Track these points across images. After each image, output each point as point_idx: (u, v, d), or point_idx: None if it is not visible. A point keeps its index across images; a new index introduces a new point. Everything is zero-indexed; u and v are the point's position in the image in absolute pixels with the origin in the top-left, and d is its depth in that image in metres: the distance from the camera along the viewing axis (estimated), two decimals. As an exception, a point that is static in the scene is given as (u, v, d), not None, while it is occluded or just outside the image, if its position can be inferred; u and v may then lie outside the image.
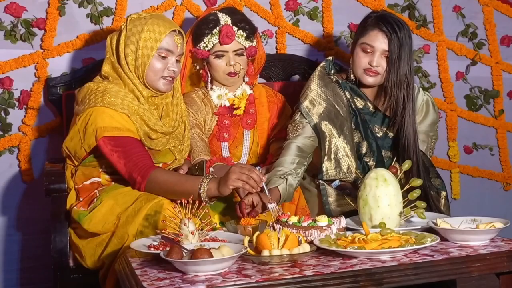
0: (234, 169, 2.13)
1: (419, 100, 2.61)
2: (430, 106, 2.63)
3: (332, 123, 2.51)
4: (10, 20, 2.86)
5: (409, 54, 2.47)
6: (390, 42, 2.44)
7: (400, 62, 2.44)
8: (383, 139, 2.59)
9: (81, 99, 2.34)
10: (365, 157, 2.55)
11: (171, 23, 2.40)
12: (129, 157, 2.23)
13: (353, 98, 2.58)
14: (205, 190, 2.14)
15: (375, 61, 2.46)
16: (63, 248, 2.30)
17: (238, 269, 1.76)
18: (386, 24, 2.46)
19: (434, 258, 1.79)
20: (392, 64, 2.45)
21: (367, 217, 2.08)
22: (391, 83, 2.47)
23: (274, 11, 3.17)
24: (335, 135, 2.51)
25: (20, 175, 2.93)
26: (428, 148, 2.62)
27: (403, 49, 2.44)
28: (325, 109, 2.53)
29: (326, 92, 2.55)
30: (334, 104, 2.54)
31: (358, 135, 2.57)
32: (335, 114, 2.52)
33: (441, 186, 2.54)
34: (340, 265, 1.76)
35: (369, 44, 2.47)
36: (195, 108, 2.66)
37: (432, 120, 2.63)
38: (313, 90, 2.56)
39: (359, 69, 2.51)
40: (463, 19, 3.45)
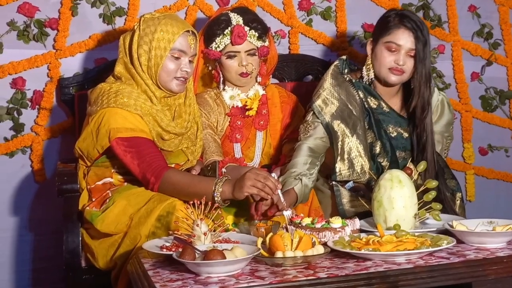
0: (250, 176, 2.12)
1: (434, 100, 2.59)
2: (446, 106, 2.62)
3: (345, 123, 2.50)
4: (23, 20, 2.87)
5: (429, 52, 2.48)
6: (417, 40, 2.43)
7: (425, 60, 2.45)
8: (397, 139, 2.57)
9: (93, 99, 2.34)
10: (378, 157, 2.53)
11: (184, 23, 2.40)
12: (143, 158, 2.22)
13: (366, 98, 2.56)
14: (219, 193, 2.14)
15: (401, 59, 2.45)
16: (75, 249, 2.30)
17: (251, 270, 1.74)
18: (411, 21, 2.45)
19: (450, 260, 1.77)
20: (420, 62, 2.44)
21: (382, 219, 2.06)
22: (418, 82, 2.47)
23: (287, 11, 3.16)
24: (348, 135, 2.50)
25: (33, 176, 2.94)
26: (443, 148, 2.60)
27: (427, 47, 2.45)
28: (338, 108, 2.51)
29: (339, 91, 2.53)
30: (347, 103, 2.52)
31: (371, 135, 2.54)
32: (348, 113, 2.51)
33: (456, 188, 2.52)
34: (354, 267, 1.74)
35: (395, 43, 2.45)
36: (208, 109, 2.65)
37: (447, 121, 2.61)
38: (326, 89, 2.54)
39: (384, 68, 2.49)
40: (478, 19, 3.42)
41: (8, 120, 2.89)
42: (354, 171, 2.49)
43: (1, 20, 2.84)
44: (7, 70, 2.86)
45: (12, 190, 2.92)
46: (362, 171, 2.49)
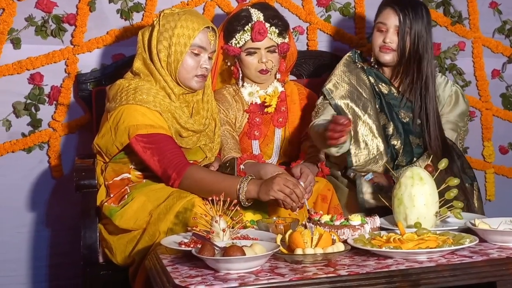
0: (279, 181, 2.13)
1: (447, 90, 2.65)
2: (460, 96, 2.67)
3: (355, 103, 2.57)
4: (41, 15, 2.89)
5: (425, 31, 2.52)
6: (400, 18, 2.51)
7: (411, 36, 2.50)
8: (409, 125, 2.60)
9: (112, 96, 2.35)
10: (392, 139, 2.56)
11: (204, 19, 2.40)
12: (163, 154, 2.23)
13: (377, 84, 2.62)
14: (244, 191, 2.14)
15: (388, 37, 2.54)
16: (93, 244, 2.31)
17: (270, 267, 1.74)
18: (398, 1, 2.54)
19: (473, 259, 1.76)
20: (402, 38, 2.51)
21: (402, 216, 2.05)
22: (402, 58, 2.53)
23: (305, 7, 3.15)
24: (360, 116, 2.55)
25: (50, 171, 2.95)
26: (458, 139, 2.63)
27: (416, 24, 2.50)
28: (348, 91, 2.59)
29: (349, 76, 2.63)
30: (356, 86, 2.60)
31: (383, 116, 2.60)
32: (357, 95, 2.58)
33: (474, 177, 2.56)
34: (375, 265, 1.73)
35: (382, 23, 2.57)
36: (226, 105, 2.65)
37: (461, 110, 2.66)
38: (337, 75, 2.64)
39: (376, 48, 2.58)
40: (499, 15, 3.39)
41: (25, 116, 2.91)
42: (370, 152, 2.52)
43: (19, 16, 2.85)
44: (25, 65, 2.87)
45: (29, 186, 2.94)
46: (378, 152, 2.52)
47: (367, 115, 2.56)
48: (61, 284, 2.95)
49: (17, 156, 2.91)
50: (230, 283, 1.61)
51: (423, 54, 2.53)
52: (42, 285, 2.97)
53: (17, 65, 2.87)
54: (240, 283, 1.61)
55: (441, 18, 3.30)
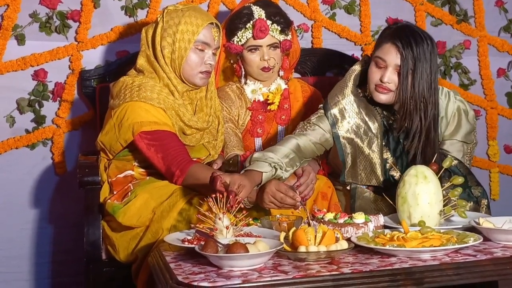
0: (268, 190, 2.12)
1: (450, 108, 2.44)
2: (463, 115, 2.45)
3: (360, 139, 2.40)
4: (45, 12, 2.89)
5: (430, 71, 2.28)
6: (403, 56, 2.26)
7: (416, 79, 2.26)
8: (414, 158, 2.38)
9: (116, 93, 2.35)
10: (391, 171, 2.44)
11: (208, 15, 2.40)
12: (167, 151, 2.23)
13: (388, 120, 2.43)
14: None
15: (386, 76, 2.29)
16: (96, 241, 2.31)
17: (274, 265, 1.74)
18: (401, 37, 2.28)
19: (477, 258, 1.76)
20: (405, 80, 2.26)
21: (406, 215, 2.05)
22: (404, 103, 2.29)
23: (310, 4, 3.15)
24: (363, 151, 2.41)
25: (53, 168, 2.96)
26: (465, 156, 2.46)
27: (421, 64, 2.26)
28: (355, 124, 2.41)
29: (359, 104, 2.42)
30: (366, 119, 2.41)
31: (387, 152, 2.43)
32: (364, 130, 2.40)
33: (481, 194, 2.37)
34: (379, 263, 1.73)
35: (381, 58, 2.31)
36: (229, 103, 2.65)
37: (466, 130, 2.45)
38: (346, 97, 2.43)
39: (371, 85, 2.35)
40: (505, 14, 3.38)
41: (29, 112, 2.91)
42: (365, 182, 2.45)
43: (24, 12, 2.86)
44: (29, 62, 2.88)
45: (32, 182, 2.95)
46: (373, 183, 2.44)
47: (370, 151, 2.40)
48: (64, 281, 2.96)
49: (20, 152, 2.92)
50: (233, 280, 1.61)
51: (427, 97, 2.29)
52: (45, 281, 2.97)
53: (21, 61, 2.87)
54: (243, 280, 1.61)
55: (446, 17, 3.30)
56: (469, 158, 2.49)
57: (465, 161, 2.46)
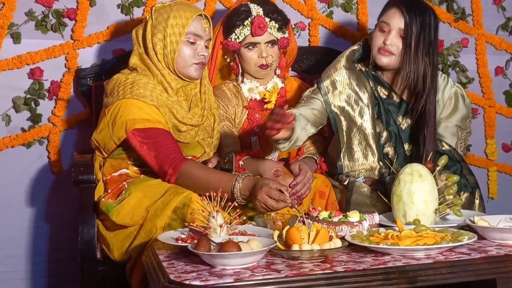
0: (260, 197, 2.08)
1: (447, 92, 2.53)
2: (460, 99, 2.55)
3: (351, 108, 2.48)
4: (41, 10, 2.88)
5: (431, 40, 2.38)
6: (407, 21, 2.36)
7: (419, 45, 2.36)
8: (406, 132, 2.51)
9: (110, 91, 2.35)
10: (385, 147, 2.49)
11: (196, 8, 2.41)
12: (160, 149, 2.22)
13: (376, 87, 2.51)
14: (239, 190, 2.14)
15: (389, 39, 2.40)
16: (90, 240, 2.31)
17: (267, 263, 1.74)
18: (406, 3, 2.39)
19: (471, 256, 1.75)
20: (408, 45, 2.37)
21: (401, 213, 2.04)
22: (407, 67, 2.39)
23: (307, 2, 3.14)
24: (356, 122, 2.48)
25: (49, 166, 2.95)
26: (459, 142, 2.52)
27: (423, 31, 2.36)
28: (346, 94, 2.50)
29: (350, 76, 2.51)
30: (356, 89, 2.50)
31: (379, 124, 2.50)
32: (355, 100, 2.49)
33: (476, 184, 2.44)
34: (372, 262, 1.73)
35: (385, 22, 2.42)
36: (226, 101, 2.64)
37: (462, 115, 2.54)
38: (338, 70, 2.53)
39: (375, 48, 2.45)
40: (503, 12, 3.37)
41: (25, 111, 2.90)
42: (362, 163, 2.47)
43: (20, 10, 2.85)
44: (24, 60, 2.87)
45: (28, 181, 2.94)
46: (370, 161, 2.47)
47: (363, 121, 2.47)
48: (60, 280, 2.95)
49: (16, 151, 2.91)
50: (225, 279, 1.60)
51: (430, 62, 2.39)
52: (42, 280, 2.97)
53: (17, 59, 2.86)
54: (235, 279, 1.60)
55: (444, 15, 3.29)
56: (463, 146, 2.54)
57: (459, 148, 2.50)
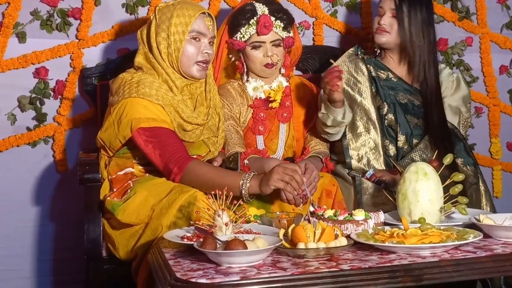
0: (278, 169, 2.13)
1: (446, 74, 2.72)
2: (461, 82, 2.75)
3: (351, 88, 2.69)
4: (46, 9, 2.89)
5: (426, 17, 2.60)
6: (397, 2, 2.60)
7: (411, 22, 2.59)
8: (407, 105, 2.67)
9: (115, 90, 2.35)
10: (386, 117, 2.65)
11: (199, 6, 2.42)
12: (165, 148, 2.22)
13: (376, 71, 2.72)
14: (247, 188, 2.14)
15: (383, 19, 2.63)
16: (96, 238, 2.32)
17: (272, 261, 1.74)
18: None
19: (477, 254, 1.75)
20: (401, 22, 2.60)
21: (406, 212, 2.04)
22: (404, 43, 2.62)
23: (311, 1, 3.14)
24: (355, 99, 2.67)
25: (55, 165, 2.96)
26: (460, 123, 2.68)
27: (414, 10, 2.59)
28: (345, 78, 2.69)
29: (348, 65, 2.75)
30: (353, 74, 2.72)
31: (378, 99, 2.68)
32: (353, 81, 2.70)
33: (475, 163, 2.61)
34: (378, 260, 1.73)
35: (380, 7, 2.67)
36: (230, 100, 2.64)
37: (463, 94, 2.73)
38: (337, 63, 2.72)
39: (374, 30, 2.69)
40: (507, 10, 3.36)
41: (30, 110, 2.91)
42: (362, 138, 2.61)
43: (25, 10, 2.86)
44: (30, 59, 2.88)
45: (34, 180, 2.95)
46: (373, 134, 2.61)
47: (362, 99, 2.67)
48: (65, 279, 2.95)
49: (22, 150, 2.92)
50: (231, 277, 1.61)
51: (424, 39, 2.61)
52: (47, 279, 2.97)
53: (22, 59, 2.87)
54: (241, 277, 1.61)
55: (448, 14, 3.29)
56: (464, 129, 2.73)
57: (461, 128, 2.68)
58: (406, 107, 2.67)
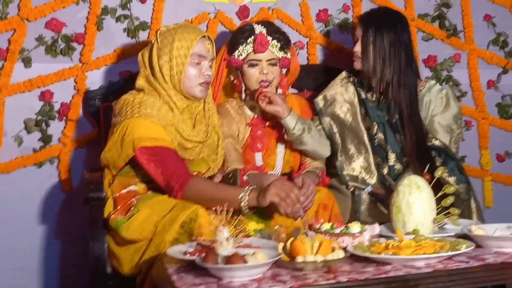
0: (276, 184, 2.15)
1: (436, 91, 2.69)
2: (451, 99, 2.70)
3: (342, 113, 2.70)
4: (50, 35, 2.90)
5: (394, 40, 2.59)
6: (363, 28, 2.62)
7: (376, 47, 2.59)
8: (396, 124, 2.64)
9: (118, 111, 2.36)
10: (376, 137, 2.64)
11: (199, 29, 2.45)
12: (167, 166, 2.23)
13: (366, 94, 2.71)
14: (246, 200, 2.15)
15: (355, 47, 2.66)
16: (101, 255, 2.31)
17: (272, 275, 1.74)
18: (366, 15, 2.70)
19: (470, 264, 1.75)
20: (366, 48, 2.61)
21: (400, 224, 2.04)
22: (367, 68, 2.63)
23: (305, 22, 3.16)
24: (345, 123, 2.67)
25: (60, 185, 2.96)
26: (452, 141, 2.64)
27: (380, 35, 2.59)
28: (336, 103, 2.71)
29: (339, 90, 2.75)
30: (345, 97, 2.72)
31: (368, 120, 2.67)
32: (343, 106, 2.71)
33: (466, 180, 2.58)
34: (374, 272, 1.73)
35: (354, 35, 2.72)
36: (229, 119, 2.65)
37: (454, 113, 2.68)
38: (329, 88, 2.77)
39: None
40: (493, 27, 3.39)
41: (36, 132, 2.92)
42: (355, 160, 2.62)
43: (30, 36, 2.87)
44: (35, 83, 2.89)
45: (40, 199, 2.94)
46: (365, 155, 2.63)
47: (352, 121, 2.67)
48: (71, 295, 2.95)
49: (28, 170, 2.91)
50: (233, 291, 1.61)
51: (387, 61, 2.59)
52: (53, 296, 2.97)
53: (28, 83, 2.88)
54: (242, 291, 1.61)
55: (437, 31, 3.31)
56: (455, 147, 2.69)
57: (452, 146, 2.64)
58: (396, 126, 2.65)
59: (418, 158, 2.53)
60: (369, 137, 2.65)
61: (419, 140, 2.58)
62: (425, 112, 2.66)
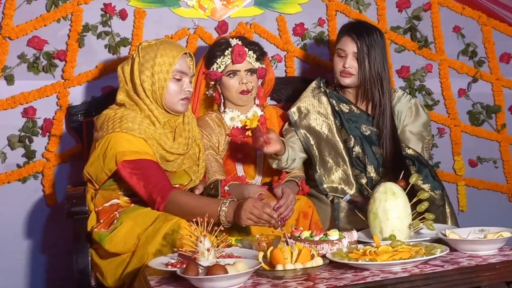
0: (246, 208, 2.08)
1: (406, 103, 2.69)
2: (420, 108, 2.71)
3: (317, 126, 2.64)
4: (32, 53, 2.87)
5: (381, 54, 2.58)
6: (358, 46, 2.56)
7: (371, 61, 2.56)
8: (371, 137, 2.63)
9: (99, 125, 2.33)
10: (354, 150, 2.61)
11: (181, 46, 2.42)
12: (149, 179, 2.20)
13: (338, 104, 2.67)
14: (224, 214, 2.12)
15: (347, 63, 2.59)
16: (85, 268, 2.27)
17: (253, 284, 1.72)
18: (355, 29, 2.61)
19: (445, 268, 1.74)
20: (363, 64, 2.56)
21: (378, 230, 2.03)
22: (364, 82, 2.58)
23: (282, 36, 3.16)
24: (322, 136, 2.61)
25: (44, 199, 2.92)
26: (424, 148, 2.65)
27: (373, 49, 2.56)
28: (310, 115, 2.65)
29: (312, 102, 2.69)
30: (318, 109, 2.66)
31: (344, 132, 2.64)
32: (318, 118, 2.65)
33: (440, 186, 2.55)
34: (352, 278, 1.71)
35: (341, 49, 2.61)
36: (209, 131, 2.63)
37: (424, 121, 2.68)
38: (301, 99, 2.71)
39: (337, 73, 2.63)
40: (463, 38, 3.41)
41: (20, 148, 2.88)
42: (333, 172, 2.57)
43: (12, 54, 2.84)
44: (18, 100, 2.85)
45: (25, 214, 2.90)
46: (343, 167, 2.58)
47: (328, 133, 2.62)
48: (57, 308, 2.90)
49: (13, 186, 2.87)
50: (214, 301, 1.58)
51: (382, 75, 2.58)
52: (39, 309, 2.91)
53: (10, 100, 2.85)
54: (223, 300, 1.58)
55: (408, 43, 3.32)
56: (427, 153, 2.70)
57: (424, 153, 2.64)
58: (371, 139, 2.62)
59: (394, 168, 2.50)
60: (346, 149, 2.61)
61: (396, 151, 2.57)
62: (397, 122, 2.67)
